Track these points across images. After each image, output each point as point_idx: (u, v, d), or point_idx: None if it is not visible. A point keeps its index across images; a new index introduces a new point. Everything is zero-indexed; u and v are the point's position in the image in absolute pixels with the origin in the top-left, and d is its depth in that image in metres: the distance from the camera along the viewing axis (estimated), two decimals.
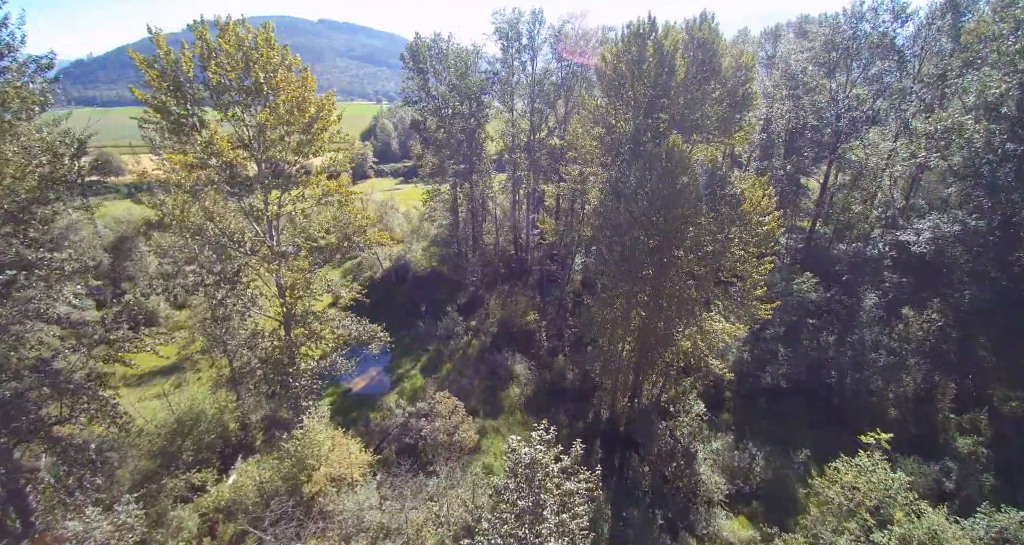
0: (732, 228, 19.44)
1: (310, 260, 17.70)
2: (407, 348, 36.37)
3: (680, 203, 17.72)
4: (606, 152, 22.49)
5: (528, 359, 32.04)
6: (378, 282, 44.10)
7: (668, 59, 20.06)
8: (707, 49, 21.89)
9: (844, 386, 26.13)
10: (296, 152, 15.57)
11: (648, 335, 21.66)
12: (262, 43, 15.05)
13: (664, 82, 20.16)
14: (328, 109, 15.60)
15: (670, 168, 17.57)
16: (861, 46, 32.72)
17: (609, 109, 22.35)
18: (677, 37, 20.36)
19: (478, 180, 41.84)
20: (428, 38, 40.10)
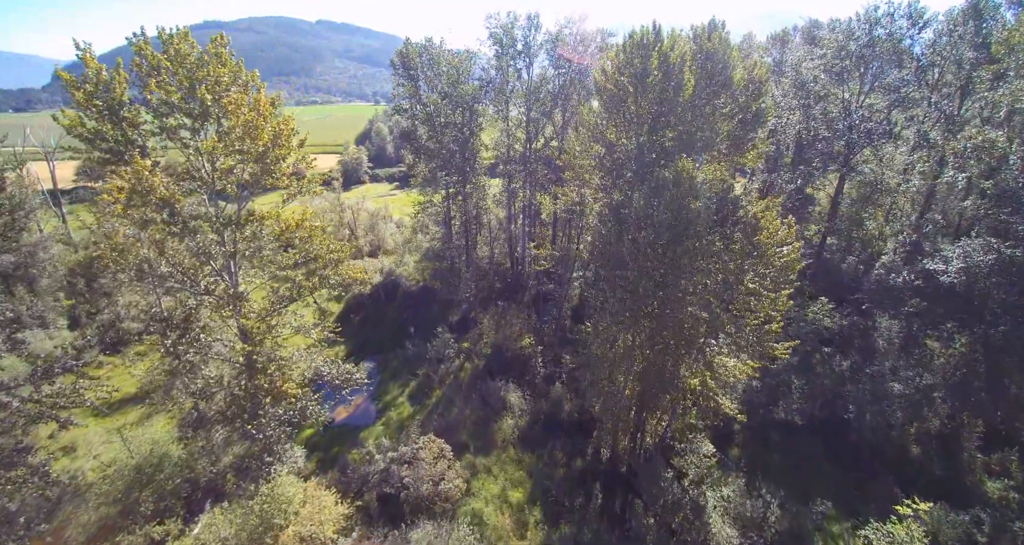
0: (746, 260, 17.53)
1: (271, 300, 15.75)
2: (395, 371, 34.41)
3: (690, 233, 15.84)
4: (606, 173, 20.56)
5: (523, 387, 30.10)
6: (366, 298, 42.10)
7: (675, 73, 18.16)
8: (717, 61, 20.00)
9: (863, 421, 24.23)
10: (250, 184, 13.60)
11: (652, 374, 19.73)
12: (211, 59, 13.10)
13: (670, 97, 18.26)
14: (286, 135, 13.59)
15: (679, 195, 15.68)
16: (876, 54, 30.81)
17: (609, 126, 20.41)
18: (684, 48, 18.45)
19: (472, 192, 39.90)
20: (419, 43, 38.22)
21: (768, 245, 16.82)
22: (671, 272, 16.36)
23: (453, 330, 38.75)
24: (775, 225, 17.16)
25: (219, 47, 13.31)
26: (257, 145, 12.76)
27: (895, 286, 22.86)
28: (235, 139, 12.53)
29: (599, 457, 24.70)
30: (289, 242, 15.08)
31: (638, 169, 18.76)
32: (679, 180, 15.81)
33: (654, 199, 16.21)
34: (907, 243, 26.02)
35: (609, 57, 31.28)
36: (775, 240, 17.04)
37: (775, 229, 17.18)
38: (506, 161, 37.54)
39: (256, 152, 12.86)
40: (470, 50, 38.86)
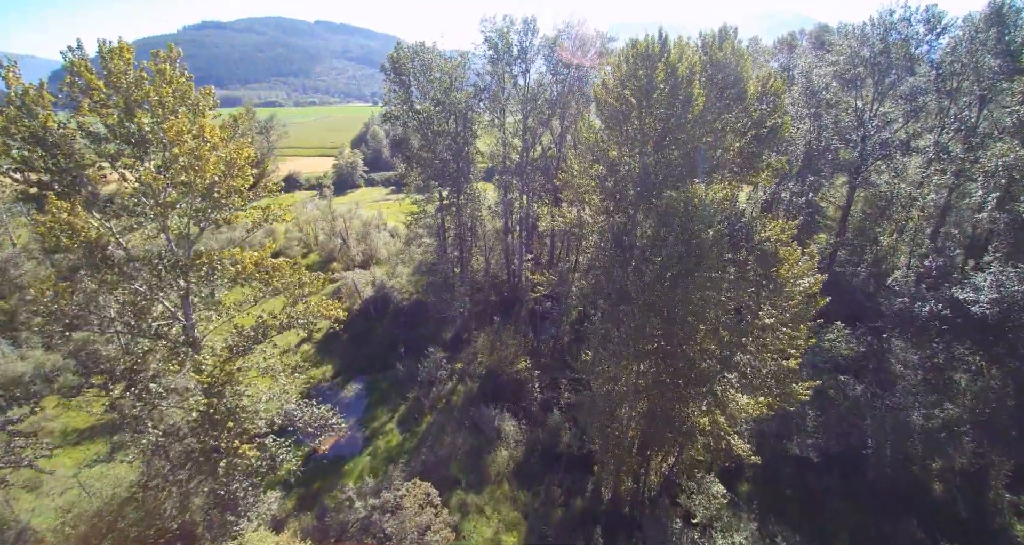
0: (762, 292, 15.86)
1: (232, 343, 14.02)
2: (384, 394, 32.72)
3: (702, 266, 14.20)
4: (607, 195, 18.86)
5: (518, 414, 28.41)
6: (356, 314, 40.39)
7: (683, 86, 16.49)
8: (728, 72, 18.35)
9: (883, 457, 22.57)
10: (199, 220, 11.85)
11: (658, 413, 18.04)
12: (151, 76, 11.35)
13: (678, 113, 16.60)
14: (241, 166, 11.79)
15: (690, 223, 14.03)
16: (891, 61, 29.15)
17: (611, 143, 18.70)
18: (693, 59, 16.78)
19: (466, 203, 38.19)
20: (411, 47, 36.51)
21: (787, 279, 15.18)
22: (680, 308, 14.71)
23: (446, 348, 37.08)
24: (795, 256, 15.51)
25: (163, 62, 11.55)
26: (203, 178, 11.02)
27: (920, 315, 21.24)
28: (179, 170, 10.79)
29: (600, 496, 22.99)
30: (249, 280, 13.38)
31: (642, 190, 17.09)
32: (690, 207, 14.17)
33: (662, 227, 14.57)
34: (932, 268, 24.33)
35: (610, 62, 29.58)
36: (795, 272, 15.39)
37: (795, 259, 15.53)
38: (502, 171, 35.84)
39: (202, 186, 11.13)
40: (464, 55, 37.22)
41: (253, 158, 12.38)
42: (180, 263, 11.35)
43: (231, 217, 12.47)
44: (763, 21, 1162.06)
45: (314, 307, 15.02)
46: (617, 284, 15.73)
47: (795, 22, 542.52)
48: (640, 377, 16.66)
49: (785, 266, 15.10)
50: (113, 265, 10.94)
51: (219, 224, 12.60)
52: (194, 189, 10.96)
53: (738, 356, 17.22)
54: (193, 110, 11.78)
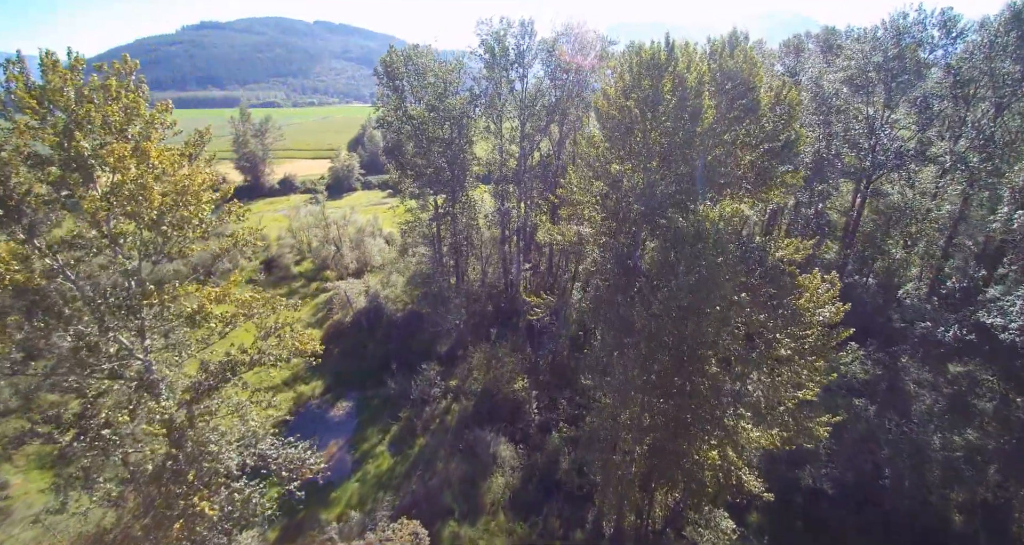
0: (777, 320, 14.56)
1: (196, 382, 12.66)
2: (376, 412, 31.37)
3: (715, 298, 12.92)
4: (609, 214, 17.56)
5: (515, 436, 27.13)
6: (347, 327, 39.04)
7: (692, 98, 15.21)
8: (739, 81, 17.05)
9: (901, 488, 21.27)
10: (149, 254, 10.51)
11: (664, 448, 16.73)
12: (93, 93, 10.01)
13: (686, 127, 15.32)
14: (195, 193, 10.45)
15: (703, 251, 12.76)
16: (905, 66, 27.86)
17: (613, 158, 17.37)
18: (703, 68, 15.50)
19: (461, 212, 36.91)
20: (404, 50, 35.21)
21: (807, 310, 13.89)
22: (691, 341, 13.44)
23: (441, 362, 35.76)
24: (815, 283, 14.22)
25: (110, 76, 10.23)
26: (149, 208, 9.68)
27: (944, 340, 19.98)
28: (124, 199, 9.47)
29: (601, 530, 21.66)
30: (208, 320, 12.02)
31: (647, 209, 15.82)
32: (702, 232, 12.90)
33: (670, 253, 13.30)
34: (957, 290, 23.03)
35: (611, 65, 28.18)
36: (815, 301, 14.10)
37: (814, 287, 14.24)
38: (499, 180, 34.54)
39: (149, 217, 9.81)
40: (460, 58, 35.95)
41: (211, 182, 11.06)
42: (125, 305, 10.03)
43: (186, 249, 11.16)
44: (763, 21, 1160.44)
45: (287, 340, 13.68)
46: (621, 313, 14.45)
47: (795, 22, 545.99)
48: (644, 411, 15.39)
49: (806, 298, 13.83)
50: (50, 308, 9.59)
51: (172, 258, 11.26)
52: (140, 220, 9.65)
53: (751, 387, 15.91)
54: (150, 126, 10.43)
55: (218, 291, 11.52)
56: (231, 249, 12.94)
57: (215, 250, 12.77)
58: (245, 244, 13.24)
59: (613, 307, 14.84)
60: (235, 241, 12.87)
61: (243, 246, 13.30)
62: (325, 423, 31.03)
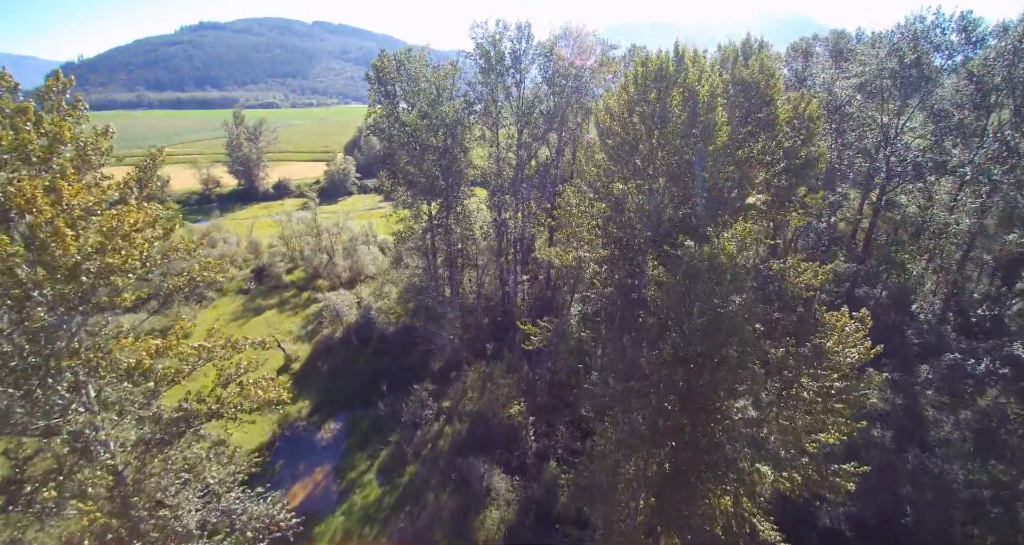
0: (799, 360, 13.06)
1: (148, 435, 11.14)
2: (365, 436, 29.80)
3: (732, 341, 11.44)
4: (612, 241, 16.06)
5: (511, 463, 25.60)
6: (337, 343, 37.46)
7: (704, 113, 13.72)
8: (755, 94, 15.58)
9: (925, 529, 19.78)
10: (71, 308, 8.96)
11: (671, 497, 15.22)
12: (9, 118, 8.40)
13: (697, 145, 13.82)
14: (127, 235, 8.82)
15: (718, 289, 11.27)
16: (923, 73, 26.38)
17: (616, 177, 15.83)
18: (715, 80, 14.01)
19: (455, 224, 35.40)
20: (396, 55, 33.71)
21: (836, 354, 12.41)
22: (706, 390, 11.97)
23: (435, 380, 34.27)
24: (843, 321, 12.74)
25: (33, 98, 8.67)
26: (66, 257, 8.17)
27: (974, 373, 18.52)
28: (40, 245, 7.97)
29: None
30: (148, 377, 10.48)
31: (653, 235, 14.33)
32: (718, 266, 11.42)
33: (682, 293, 11.81)
34: (987, 318, 21.56)
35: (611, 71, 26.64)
36: (845, 342, 12.60)
37: (843, 325, 12.75)
38: (494, 190, 33.04)
39: (66, 265, 8.29)
40: (454, 63, 34.47)
41: (150, 220, 9.52)
42: (45, 366, 8.52)
43: (119, 300, 9.60)
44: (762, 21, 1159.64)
45: (249, 389, 12.13)
46: (627, 356, 12.97)
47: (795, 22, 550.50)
48: (650, 460, 13.91)
49: (835, 340, 12.35)
50: None
51: (103, 308, 9.71)
52: (55, 270, 8.15)
53: (766, 430, 14.39)
54: (82, 158, 8.87)
55: (160, 344, 9.98)
56: (184, 287, 11.39)
57: (167, 288, 11.20)
58: (203, 279, 11.68)
59: (617, 347, 13.35)
60: (189, 278, 11.32)
61: (202, 281, 11.74)
62: (311, 447, 29.48)
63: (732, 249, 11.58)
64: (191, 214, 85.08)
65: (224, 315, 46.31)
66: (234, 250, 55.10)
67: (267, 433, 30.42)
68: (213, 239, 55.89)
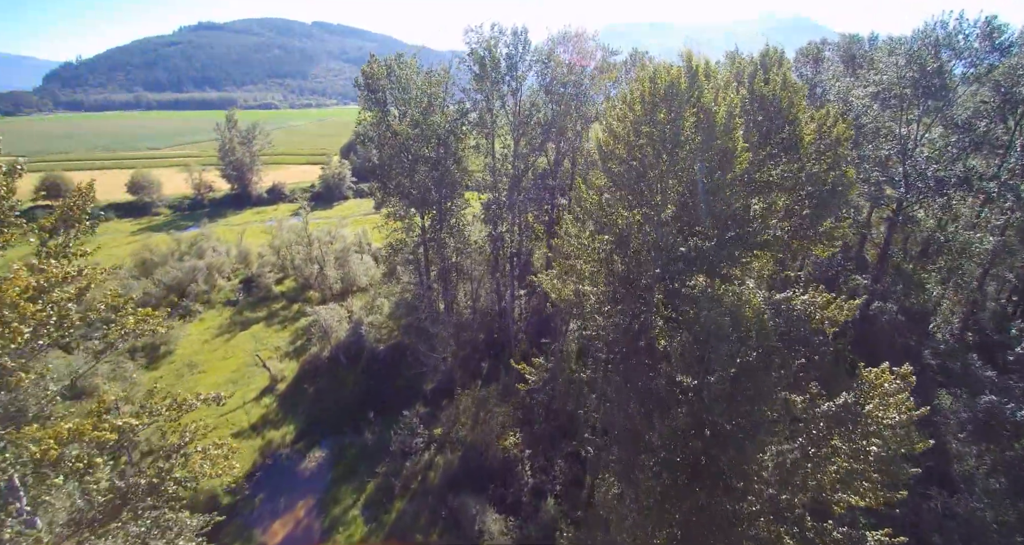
0: (831, 423, 11.38)
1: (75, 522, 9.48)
2: (351, 465, 28.10)
3: (758, 412, 9.77)
4: (617, 281, 14.31)
5: (506, 499, 23.94)
6: (324, 362, 35.75)
7: (722, 137, 12.05)
8: (776, 111, 13.88)
9: None
10: None
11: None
12: None
13: (716, 175, 12.12)
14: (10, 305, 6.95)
15: (742, 348, 9.63)
16: (945, 83, 24.74)
17: (620, 207, 14.08)
18: (733, 100, 12.31)
19: (448, 237, 33.72)
20: (386, 61, 32.02)
21: (877, 417, 10.74)
22: (729, 466, 10.31)
23: (427, 401, 32.62)
24: (884, 378, 11.06)
25: None
26: None
27: (1014, 418, 16.89)
28: None
29: None
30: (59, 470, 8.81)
31: (662, 272, 12.67)
32: (740, 322, 9.77)
33: (700, 351, 10.17)
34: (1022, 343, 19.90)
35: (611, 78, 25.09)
36: (887, 402, 10.90)
37: (882, 382, 11.07)
38: (489, 204, 31.36)
39: None
40: (447, 69, 32.78)
41: (60, 278, 7.81)
42: None
43: (14, 380, 7.93)
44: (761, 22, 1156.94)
45: (195, 462, 10.42)
46: (635, 425, 11.27)
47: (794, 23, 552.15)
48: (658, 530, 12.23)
49: (874, 401, 10.69)
50: None
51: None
52: None
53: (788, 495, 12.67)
54: None
55: (73, 428, 8.25)
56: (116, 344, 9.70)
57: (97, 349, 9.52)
58: (142, 331, 10.00)
59: (624, 412, 11.63)
60: (122, 334, 9.61)
61: (142, 334, 10.05)
62: (294, 478, 27.81)
63: (759, 301, 9.91)
64: (183, 220, 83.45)
65: (210, 329, 44.63)
66: (222, 260, 53.31)
67: (248, 462, 28.72)
68: (201, 249, 54.16)
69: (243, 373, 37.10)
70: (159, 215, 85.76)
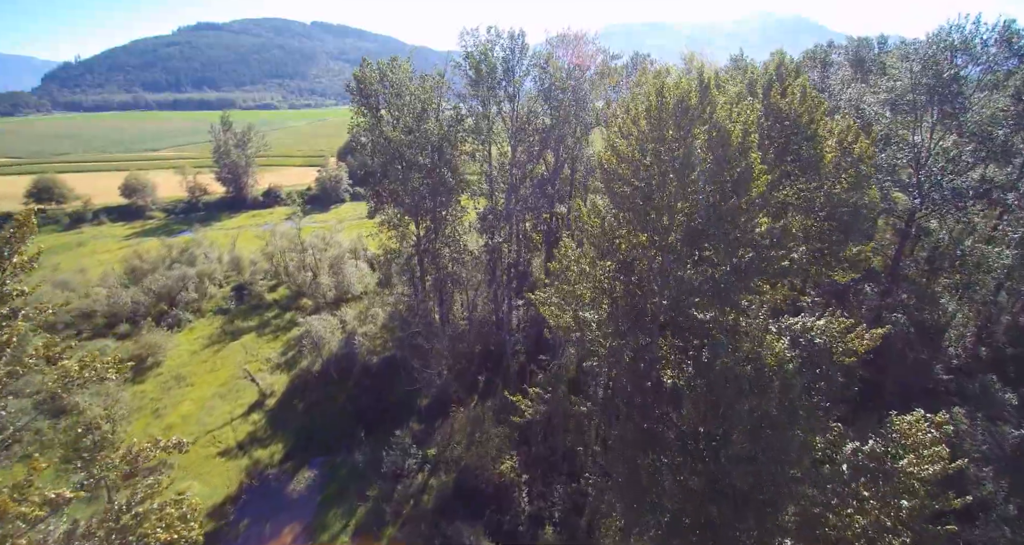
0: (859, 475, 10.25)
1: None
2: (341, 487, 26.94)
3: (783, 474, 8.65)
4: (621, 315, 13.12)
5: (502, 527, 22.80)
6: (314, 378, 34.59)
7: (737, 158, 10.89)
8: (792, 126, 12.73)
9: None
10: None
11: None
12: None
13: (731, 201, 10.96)
14: None
15: (763, 404, 8.51)
16: (960, 89, 23.65)
17: (623, 231, 12.87)
18: (750, 117, 11.13)
19: (443, 247, 32.59)
20: (379, 65, 30.89)
21: (911, 474, 9.62)
22: (743, 530, 9.19)
23: (421, 418, 31.47)
24: (921, 427, 9.94)
25: None
26: None
27: None
28: None
29: None
30: None
31: (671, 304, 11.52)
32: (763, 373, 8.64)
33: (713, 402, 9.03)
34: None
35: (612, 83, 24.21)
36: (921, 457, 9.74)
37: (920, 431, 9.95)
38: (485, 214, 30.24)
39: None
40: (442, 73, 31.67)
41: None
42: None
43: None
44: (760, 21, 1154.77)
45: (148, 525, 9.27)
46: (643, 483, 10.10)
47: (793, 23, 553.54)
48: None
49: (908, 456, 9.58)
50: None
51: None
52: None
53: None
54: None
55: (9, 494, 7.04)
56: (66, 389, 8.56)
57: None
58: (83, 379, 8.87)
59: (628, 464, 10.48)
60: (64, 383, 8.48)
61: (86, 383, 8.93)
62: (282, 501, 26.63)
63: (782, 348, 8.76)
64: (177, 224, 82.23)
65: (200, 339, 43.46)
66: (214, 267, 52.09)
67: (234, 483, 27.58)
68: (192, 255, 52.95)
69: (232, 386, 35.93)
70: (153, 219, 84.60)
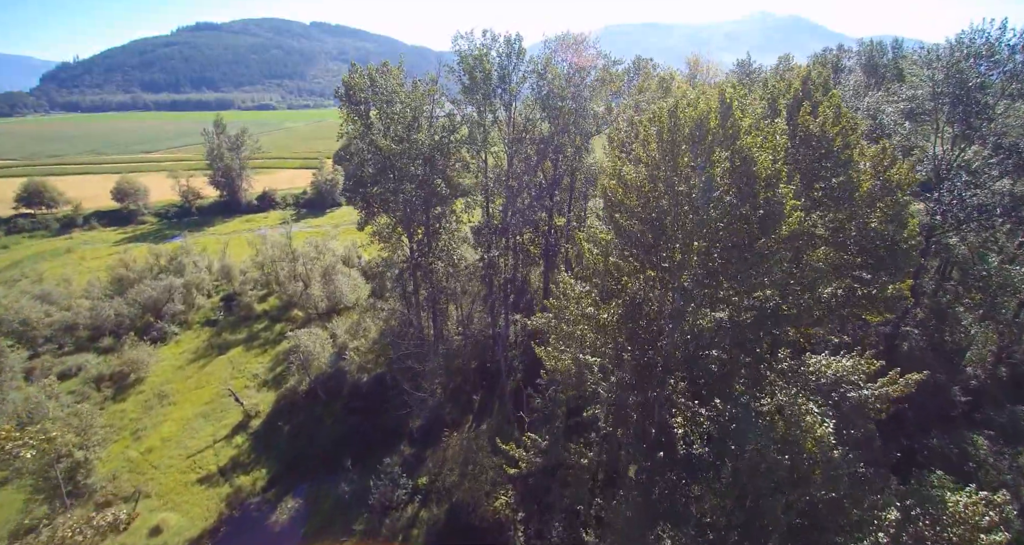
0: None
1: None
2: (327, 519, 25.42)
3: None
4: (627, 367, 11.55)
5: None
6: (302, 398, 33.02)
7: (764, 191, 9.34)
8: (824, 151, 11.13)
9: None
10: None
11: None
12: None
13: (758, 241, 9.42)
14: None
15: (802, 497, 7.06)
16: (984, 99, 22.16)
17: (630, 268, 11.34)
18: (780, 142, 9.56)
19: (437, 259, 31.07)
20: (368, 71, 29.36)
21: None
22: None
23: (412, 442, 29.94)
24: (976, 505, 8.47)
25: None
26: None
27: None
28: None
29: None
30: None
31: (685, 356, 10.00)
32: (800, 463, 7.15)
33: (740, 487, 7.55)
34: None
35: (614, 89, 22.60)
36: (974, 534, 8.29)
37: (976, 508, 8.46)
38: (479, 229, 28.72)
39: None
40: (435, 78, 30.14)
41: None
42: None
43: None
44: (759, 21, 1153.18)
45: None
46: None
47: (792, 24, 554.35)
48: None
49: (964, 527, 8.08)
50: None
51: None
52: None
53: None
54: None
55: None
56: None
57: None
58: None
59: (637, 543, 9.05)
60: None
61: None
62: (263, 533, 25.09)
63: (826, 431, 7.25)
64: (169, 229, 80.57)
65: (186, 353, 41.89)
66: (202, 276, 50.49)
67: (213, 514, 26.01)
68: (181, 264, 51.32)
69: (216, 405, 34.38)
70: (145, 223, 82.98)
